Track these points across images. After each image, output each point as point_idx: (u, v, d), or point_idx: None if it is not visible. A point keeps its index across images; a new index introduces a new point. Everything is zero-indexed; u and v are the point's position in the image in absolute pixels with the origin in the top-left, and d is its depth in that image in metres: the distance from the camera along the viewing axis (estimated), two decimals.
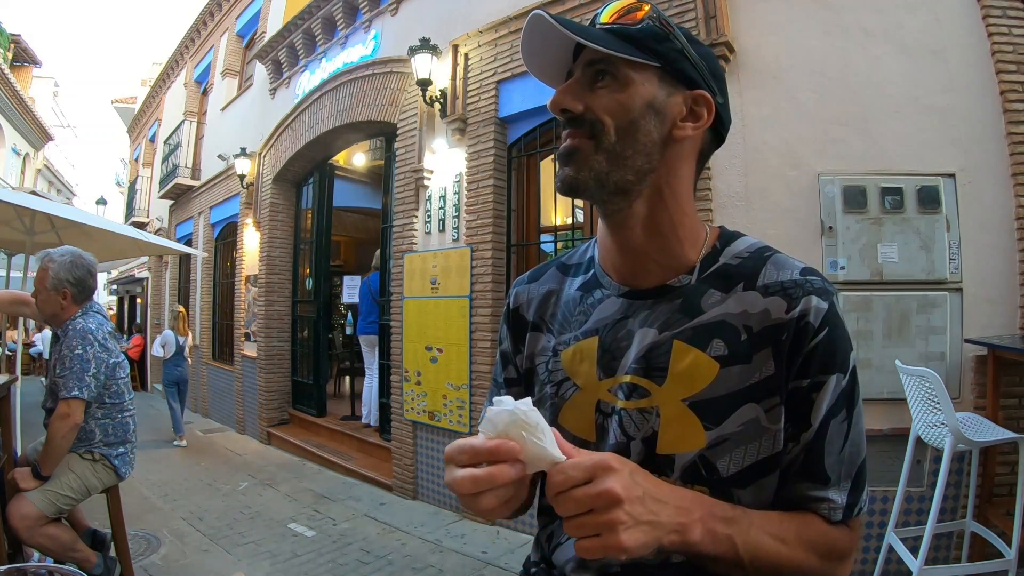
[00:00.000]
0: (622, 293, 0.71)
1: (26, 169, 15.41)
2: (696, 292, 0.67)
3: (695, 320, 0.66)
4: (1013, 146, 2.67)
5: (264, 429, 6.24)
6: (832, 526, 0.63)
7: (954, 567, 2.42)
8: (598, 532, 0.50)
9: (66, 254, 2.31)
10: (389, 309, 4.76)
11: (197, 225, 8.63)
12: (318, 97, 5.62)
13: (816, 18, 2.88)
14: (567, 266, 0.81)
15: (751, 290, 0.65)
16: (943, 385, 2.15)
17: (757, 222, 2.80)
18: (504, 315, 0.85)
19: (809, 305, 0.62)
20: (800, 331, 0.62)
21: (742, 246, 0.70)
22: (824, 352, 0.62)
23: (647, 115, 0.65)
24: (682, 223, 0.69)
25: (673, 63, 0.66)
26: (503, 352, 0.84)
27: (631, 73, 0.65)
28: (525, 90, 3.76)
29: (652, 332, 0.67)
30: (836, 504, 0.63)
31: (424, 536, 3.49)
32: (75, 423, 2.16)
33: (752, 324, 0.63)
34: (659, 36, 0.66)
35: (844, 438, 0.63)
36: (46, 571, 0.86)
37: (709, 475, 0.63)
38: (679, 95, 0.67)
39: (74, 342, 2.19)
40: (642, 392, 0.66)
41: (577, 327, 0.74)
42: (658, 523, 0.52)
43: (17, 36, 14.69)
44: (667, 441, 0.64)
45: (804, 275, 0.64)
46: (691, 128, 0.67)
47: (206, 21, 9.16)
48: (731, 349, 0.63)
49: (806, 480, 0.64)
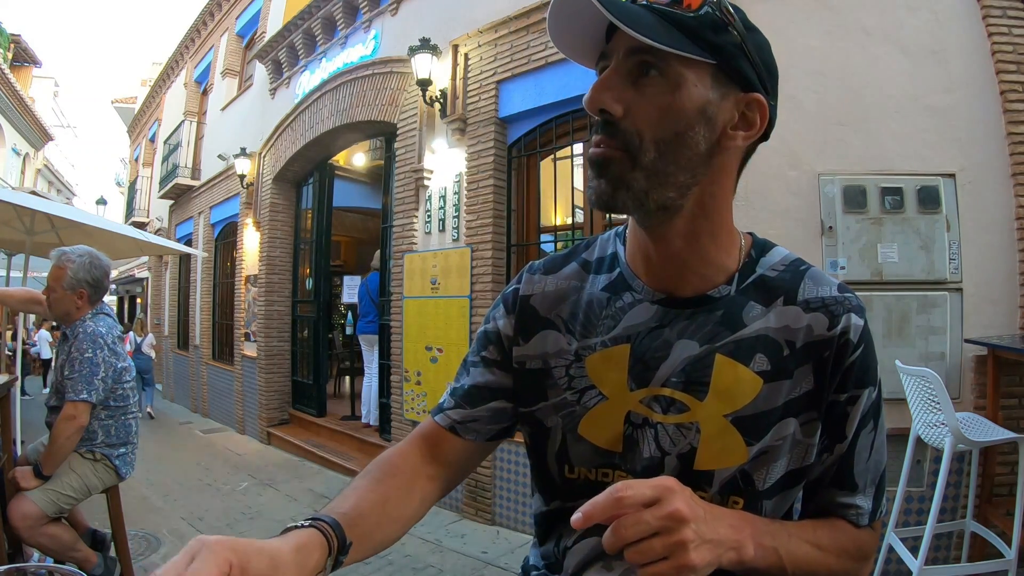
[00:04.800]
0: (656, 300, 0.66)
1: (26, 169, 15.41)
2: (736, 304, 0.64)
3: (737, 334, 0.63)
4: (1013, 146, 2.67)
5: (264, 429, 6.24)
6: (859, 529, 0.66)
7: (954, 567, 2.43)
8: (667, 555, 0.48)
9: (84, 255, 2.31)
10: (389, 309, 4.76)
11: (197, 225, 8.63)
12: (318, 97, 5.62)
13: (816, 18, 2.88)
14: (588, 263, 0.74)
15: (792, 305, 0.64)
16: (943, 385, 2.14)
17: (757, 222, 2.79)
18: (506, 297, 0.76)
19: (850, 323, 0.63)
20: (841, 347, 0.62)
21: (777, 258, 0.68)
22: (860, 367, 0.63)
23: (696, 124, 0.58)
24: (721, 232, 0.65)
25: (731, 60, 0.58)
26: (491, 332, 0.76)
27: (683, 71, 0.57)
28: (525, 90, 3.77)
29: (693, 344, 0.63)
30: (863, 510, 0.66)
31: (424, 536, 3.49)
32: (80, 425, 2.17)
33: (795, 340, 0.63)
34: (717, 25, 0.57)
35: (871, 448, 0.66)
36: (46, 571, 0.86)
37: (746, 488, 0.63)
38: (732, 98, 0.59)
39: (84, 344, 2.19)
40: (681, 407, 0.63)
41: (605, 332, 0.67)
42: (719, 541, 0.52)
43: (17, 36, 14.69)
44: (707, 457, 0.62)
45: (841, 292, 0.65)
46: (742, 138, 0.61)
47: (206, 21, 9.16)
48: (774, 364, 0.62)
49: (836, 488, 0.66)
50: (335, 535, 0.55)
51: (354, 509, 0.61)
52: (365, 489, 0.66)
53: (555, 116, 3.70)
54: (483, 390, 0.75)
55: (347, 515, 0.59)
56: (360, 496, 0.64)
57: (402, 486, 0.69)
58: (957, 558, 2.55)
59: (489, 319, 0.77)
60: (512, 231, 3.92)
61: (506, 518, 3.64)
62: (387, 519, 0.65)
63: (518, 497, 3.57)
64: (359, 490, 0.65)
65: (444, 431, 0.74)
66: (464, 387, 0.76)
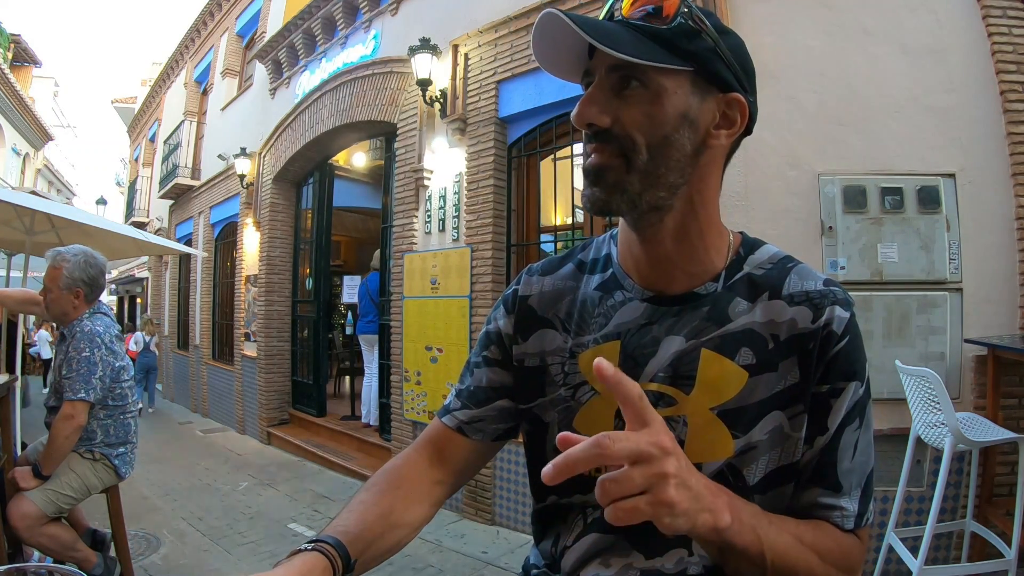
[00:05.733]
0: (646, 298, 0.69)
1: (26, 169, 15.41)
2: (723, 300, 0.66)
3: (723, 328, 0.65)
4: (1013, 146, 2.67)
5: (264, 429, 6.24)
6: (844, 534, 0.64)
7: (954, 567, 2.43)
8: (647, 487, 0.45)
9: (79, 254, 2.31)
10: (389, 309, 4.76)
11: (197, 225, 8.62)
12: (318, 97, 5.62)
13: (816, 18, 2.88)
14: (584, 263, 0.76)
15: (777, 299, 0.65)
16: (943, 385, 2.14)
17: (757, 222, 2.80)
18: (506, 298, 0.79)
19: (834, 315, 0.63)
20: (825, 339, 0.63)
21: (765, 256, 0.69)
22: (845, 359, 0.63)
23: (681, 128, 0.61)
24: (709, 230, 0.67)
25: (706, 65, 0.60)
26: (492, 332, 0.78)
27: (663, 80, 0.59)
28: (525, 90, 3.77)
29: (679, 340, 0.66)
30: (849, 512, 0.64)
31: (424, 536, 3.49)
32: (79, 424, 2.17)
33: (779, 333, 0.64)
34: (690, 33, 0.59)
35: (855, 446, 0.64)
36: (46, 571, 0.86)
37: (736, 482, 0.64)
38: (712, 100, 0.62)
39: (82, 344, 2.19)
40: (668, 400, 0.65)
41: (597, 329, 0.70)
42: (698, 495, 0.49)
43: (17, 36, 14.69)
44: (695, 450, 0.63)
45: (827, 285, 0.66)
46: (725, 136, 0.64)
47: (206, 21, 9.16)
48: (759, 358, 0.64)
49: (819, 487, 0.64)
50: (339, 555, 0.57)
51: (357, 525, 0.63)
52: (369, 503, 0.67)
53: (555, 116, 3.69)
54: (487, 390, 0.77)
55: (350, 532, 0.61)
56: (365, 510, 0.66)
57: (407, 496, 0.70)
58: (957, 558, 2.55)
59: (491, 320, 0.80)
60: (512, 231, 3.92)
61: (506, 518, 3.64)
62: (392, 529, 0.67)
63: (518, 497, 3.57)
64: (364, 504, 0.67)
65: (451, 432, 0.77)
66: (470, 388, 0.78)
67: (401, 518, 0.68)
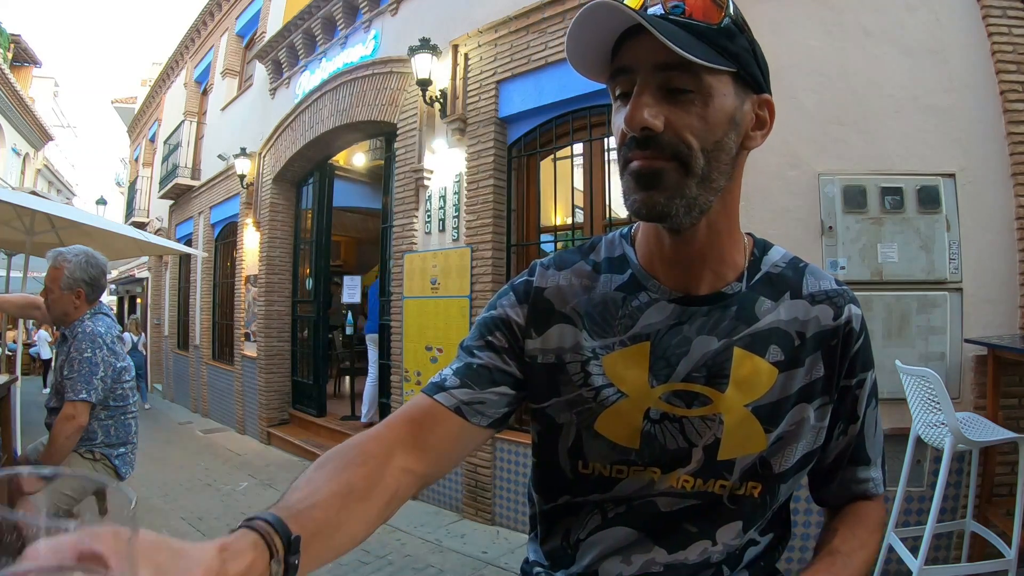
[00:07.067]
0: (673, 298, 0.68)
1: (26, 169, 15.41)
2: (748, 300, 0.69)
3: (752, 327, 0.67)
4: (1013, 146, 2.67)
5: (264, 429, 6.24)
6: (871, 502, 0.74)
7: (954, 567, 2.43)
8: None
9: (80, 254, 2.30)
10: (389, 309, 4.76)
11: (197, 225, 8.62)
12: (318, 97, 5.62)
13: (816, 18, 2.88)
14: (597, 263, 0.74)
15: (798, 299, 0.69)
16: (943, 385, 2.15)
17: (757, 222, 2.79)
18: (516, 287, 0.74)
19: (851, 312, 0.70)
20: (847, 336, 0.69)
21: (777, 256, 0.73)
22: (864, 353, 0.71)
23: (730, 131, 0.61)
24: (735, 229, 0.69)
25: (746, 66, 0.60)
26: (498, 318, 0.73)
27: (712, 82, 0.58)
28: (525, 90, 3.77)
29: (711, 339, 0.67)
30: (877, 479, 0.75)
31: (424, 536, 3.49)
32: (80, 425, 2.16)
33: (805, 331, 0.68)
34: (732, 33, 0.59)
35: (875, 423, 0.74)
36: None
37: (764, 473, 0.67)
38: (749, 101, 0.62)
39: (83, 344, 2.19)
40: (704, 400, 0.66)
41: (623, 331, 0.69)
42: None
43: (17, 36, 14.69)
44: (730, 447, 0.66)
45: (838, 285, 0.72)
46: (760, 137, 0.64)
47: (206, 21, 9.16)
48: (787, 355, 0.67)
49: (855, 464, 0.74)
50: (276, 532, 0.48)
51: (303, 502, 0.53)
52: (321, 480, 0.56)
53: (555, 116, 3.70)
54: (492, 371, 0.70)
55: (292, 508, 0.52)
56: (314, 488, 0.55)
57: (369, 476, 0.59)
58: (957, 558, 2.55)
59: (495, 306, 0.74)
60: (512, 231, 3.92)
61: (506, 518, 3.64)
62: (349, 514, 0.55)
63: (518, 497, 3.57)
64: (313, 481, 0.56)
65: (444, 411, 0.67)
66: (472, 366, 0.70)
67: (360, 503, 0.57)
